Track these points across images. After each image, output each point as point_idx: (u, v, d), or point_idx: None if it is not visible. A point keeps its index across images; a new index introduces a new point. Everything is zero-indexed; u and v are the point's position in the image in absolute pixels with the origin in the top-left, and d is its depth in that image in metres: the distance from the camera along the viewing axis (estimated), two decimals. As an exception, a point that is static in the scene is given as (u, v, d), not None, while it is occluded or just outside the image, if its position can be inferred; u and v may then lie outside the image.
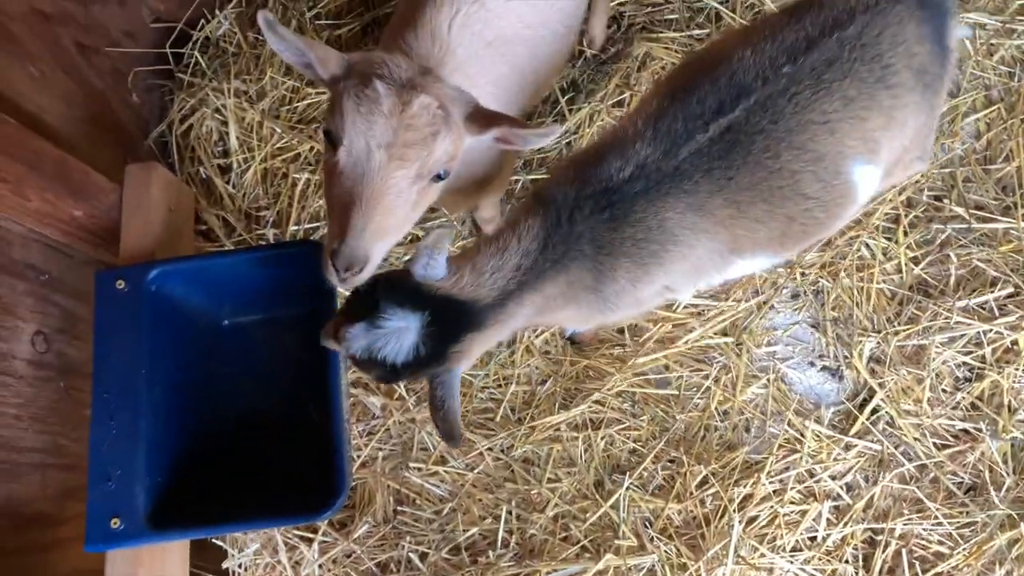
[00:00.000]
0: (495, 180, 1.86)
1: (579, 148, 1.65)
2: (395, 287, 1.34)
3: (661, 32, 2.45)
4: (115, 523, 1.64)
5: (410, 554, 2.03)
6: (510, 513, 2.07)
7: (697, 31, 2.43)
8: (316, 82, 1.54)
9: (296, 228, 2.29)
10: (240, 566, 2.04)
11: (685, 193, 1.42)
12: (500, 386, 2.20)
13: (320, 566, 2.02)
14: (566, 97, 2.41)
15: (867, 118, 1.48)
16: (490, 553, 2.04)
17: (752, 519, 2.01)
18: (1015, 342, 2.11)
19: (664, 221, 1.43)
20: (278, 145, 2.38)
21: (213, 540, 2.03)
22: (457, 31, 1.58)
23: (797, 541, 1.99)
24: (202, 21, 2.51)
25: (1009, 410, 2.06)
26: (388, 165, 1.39)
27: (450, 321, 1.35)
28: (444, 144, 1.42)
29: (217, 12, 2.53)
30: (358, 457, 2.11)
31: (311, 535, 2.05)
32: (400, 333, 1.30)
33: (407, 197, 1.43)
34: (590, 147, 1.55)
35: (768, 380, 2.15)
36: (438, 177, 1.47)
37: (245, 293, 1.96)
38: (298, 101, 2.43)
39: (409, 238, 2.22)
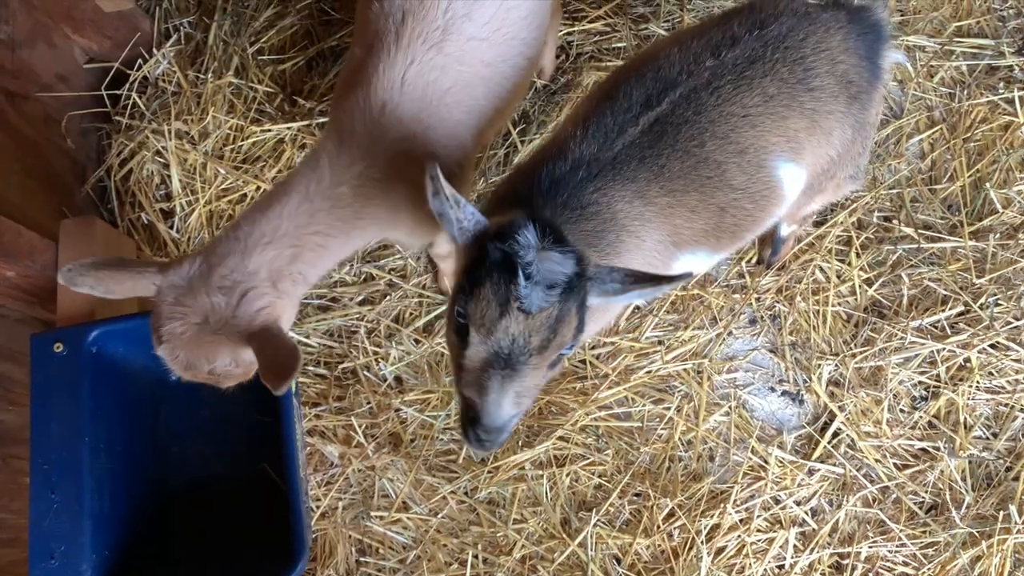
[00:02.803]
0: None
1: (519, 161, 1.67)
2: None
3: (610, 60, 2.45)
4: (60, 602, 1.56)
5: (375, 607, 1.98)
6: (476, 557, 2.02)
7: (645, 59, 2.43)
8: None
9: (244, 273, 2.22)
10: (197, 630, 1.96)
11: (628, 180, 1.47)
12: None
13: (282, 625, 1.95)
14: (518, 129, 2.39)
15: (788, 116, 1.55)
16: (458, 601, 1.99)
17: (720, 550, 2.00)
18: (967, 360, 2.14)
19: (616, 213, 1.47)
20: (223, 186, 2.31)
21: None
22: (410, 85, 1.54)
23: (766, 570, 1.99)
24: (139, 61, 2.44)
25: (965, 427, 2.09)
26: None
27: None
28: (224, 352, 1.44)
29: (155, 51, 2.46)
30: (317, 508, 2.05)
31: (271, 593, 1.97)
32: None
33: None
34: (531, 157, 1.59)
35: (730, 408, 2.15)
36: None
37: (192, 346, 1.89)
38: (242, 140, 2.36)
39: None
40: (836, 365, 2.17)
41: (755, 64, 1.51)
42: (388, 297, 2.25)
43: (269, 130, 2.35)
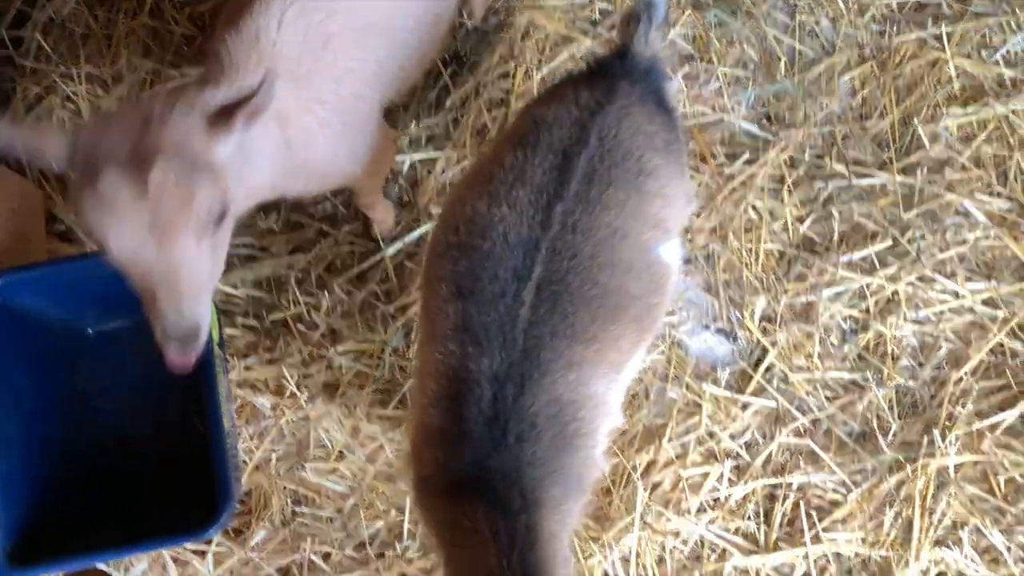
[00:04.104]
0: (363, 171, 1.75)
1: (416, 428, 1.44)
2: None
3: (544, 0, 2.39)
4: (-30, 564, 1.50)
5: (312, 556, 1.95)
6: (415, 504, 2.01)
7: (579, -4, 2.39)
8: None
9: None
10: (129, 587, 1.92)
11: (550, 362, 1.34)
12: (403, 369, 2.12)
13: (216, 578, 1.92)
14: (449, 70, 2.33)
15: (643, 207, 1.47)
16: (397, 546, 1.98)
17: (656, 485, 2.03)
18: (895, 293, 2.18)
19: (561, 401, 1.35)
20: (140, 133, 2.20)
21: (96, 566, 1.89)
22: (289, 25, 1.45)
23: (702, 503, 2.02)
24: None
25: (892, 358, 2.14)
26: (162, 248, 1.27)
27: None
28: (205, 190, 1.29)
29: (60, -12, 2.32)
30: (250, 460, 2.00)
31: (203, 547, 1.94)
32: None
33: (201, 255, 1.32)
34: (429, 421, 1.38)
35: (665, 347, 2.16)
36: (221, 217, 1.35)
37: (109, 298, 1.80)
38: (160, 83, 2.26)
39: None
40: (769, 302, 2.19)
41: (593, 181, 1.41)
42: (318, 245, 2.19)
43: (187, 75, 2.25)
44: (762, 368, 2.13)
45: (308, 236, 2.20)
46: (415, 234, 2.18)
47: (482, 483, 1.27)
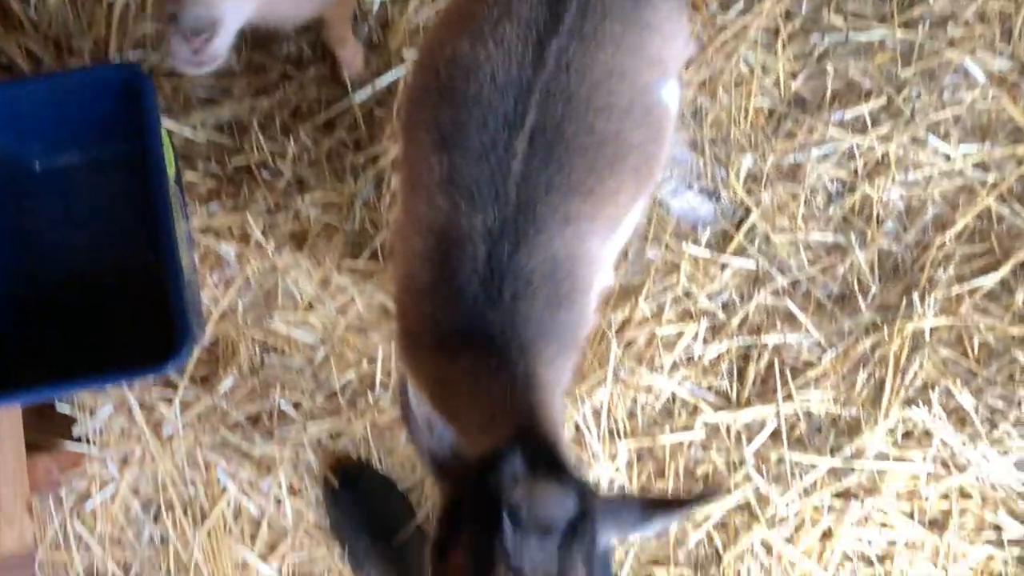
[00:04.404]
0: None
1: (401, 281, 1.36)
2: None
3: None
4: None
5: (282, 404, 1.93)
6: (389, 355, 1.98)
7: None
8: None
9: (118, 57, 1.99)
10: (95, 431, 1.89)
11: (546, 217, 1.24)
12: (374, 223, 2.05)
13: (184, 425, 1.90)
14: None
15: (644, 44, 1.35)
16: (369, 395, 1.96)
17: (630, 342, 2.00)
18: (886, 154, 2.10)
19: (557, 257, 1.26)
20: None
21: (57, 408, 1.86)
22: None
23: (675, 360, 2.00)
24: None
25: (877, 221, 2.09)
26: None
27: None
28: None
29: None
30: (215, 309, 1.95)
31: (170, 393, 1.91)
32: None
33: None
34: (416, 276, 1.29)
35: (646, 205, 2.09)
36: None
37: (58, 129, 1.70)
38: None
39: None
40: (755, 160, 2.11)
41: (587, 14, 1.27)
42: (283, 88, 2.06)
43: None
44: (744, 228, 2.08)
45: (272, 79, 2.07)
46: (385, 79, 2.06)
47: (476, 336, 1.21)
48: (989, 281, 2.03)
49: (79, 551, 1.89)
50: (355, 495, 1.85)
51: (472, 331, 1.21)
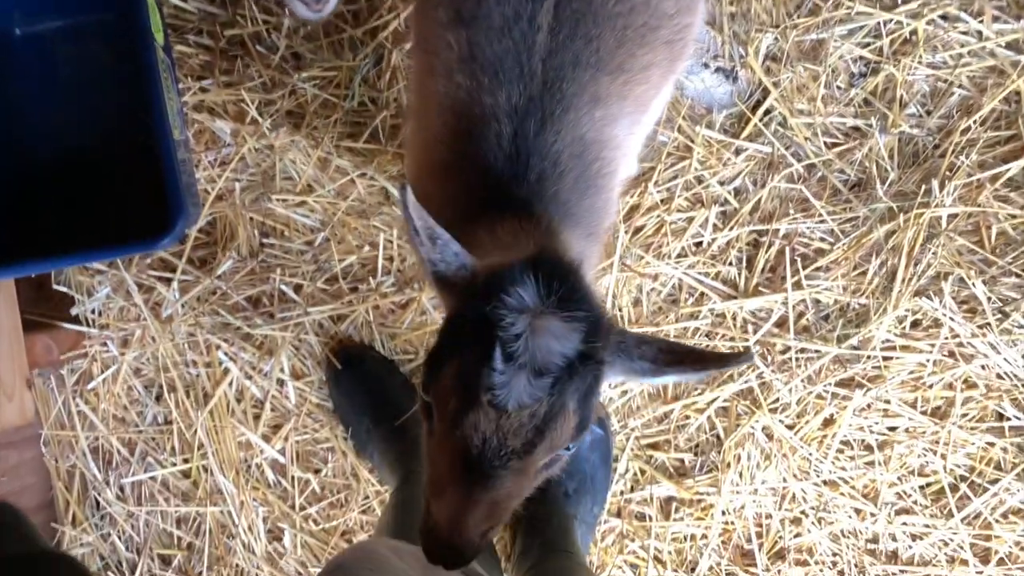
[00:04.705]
0: None
1: (419, 164, 1.28)
2: None
3: None
4: None
5: (282, 286, 1.90)
6: (389, 240, 1.94)
7: None
8: None
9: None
10: (93, 311, 1.87)
11: (574, 96, 1.16)
12: (374, 102, 1.96)
13: (183, 305, 1.88)
14: None
15: None
16: (371, 280, 1.93)
17: (639, 229, 1.95)
18: (914, 32, 1.99)
19: (585, 139, 1.18)
20: None
21: (55, 286, 1.83)
22: None
23: (683, 247, 1.96)
24: None
25: (900, 104, 1.99)
26: None
27: None
28: None
29: None
30: (212, 190, 1.89)
31: (168, 275, 1.88)
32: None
33: None
34: (436, 161, 1.20)
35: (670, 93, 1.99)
36: None
37: (37, -7, 1.60)
38: None
39: None
40: (776, 38, 2.00)
41: None
42: (276, -46, 1.93)
43: None
44: (761, 111, 1.99)
45: (263, -57, 1.93)
46: (386, -55, 1.92)
47: (500, 208, 1.14)
48: (1013, 168, 1.95)
49: (83, 429, 1.91)
50: (357, 377, 1.85)
51: (497, 204, 1.14)
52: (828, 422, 1.95)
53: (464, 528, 0.89)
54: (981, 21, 1.98)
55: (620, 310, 1.94)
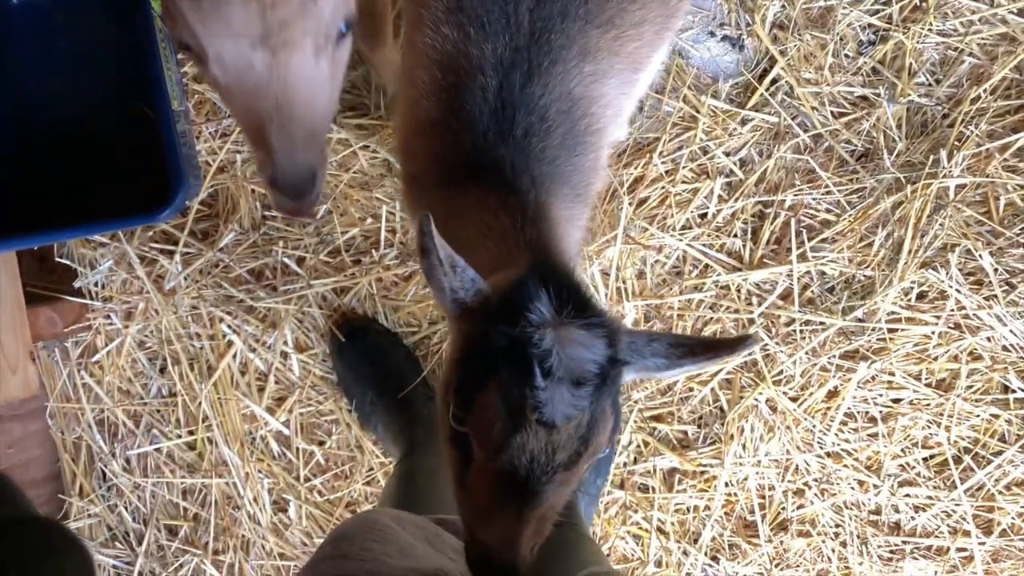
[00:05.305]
0: None
1: (406, 123, 1.27)
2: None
3: None
4: None
5: (285, 259, 1.90)
6: (391, 213, 1.92)
7: None
8: None
9: None
10: (96, 284, 1.87)
11: (562, 49, 1.14)
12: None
13: (186, 278, 1.87)
14: None
15: None
16: (373, 253, 1.92)
17: (643, 200, 1.94)
18: (924, -2, 1.95)
19: (573, 94, 1.16)
20: None
21: (57, 259, 1.83)
22: None
23: (688, 219, 1.94)
24: None
25: (909, 73, 1.96)
26: (277, 60, 1.02)
27: None
28: None
29: None
30: (213, 161, 1.88)
31: (171, 247, 1.87)
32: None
33: (319, 78, 1.09)
34: (422, 116, 1.19)
35: (667, 54, 1.96)
36: (342, 33, 1.10)
37: (32, -39, 1.58)
38: None
39: None
40: (783, 5, 1.97)
41: None
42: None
43: None
44: (767, 80, 1.96)
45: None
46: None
47: (486, 170, 1.13)
48: (1023, 139, 1.93)
49: (89, 402, 1.92)
50: (360, 349, 1.85)
51: (482, 166, 1.14)
52: (832, 394, 1.95)
53: (518, 549, 0.89)
54: (993, -13, 1.94)
55: (624, 282, 1.93)
